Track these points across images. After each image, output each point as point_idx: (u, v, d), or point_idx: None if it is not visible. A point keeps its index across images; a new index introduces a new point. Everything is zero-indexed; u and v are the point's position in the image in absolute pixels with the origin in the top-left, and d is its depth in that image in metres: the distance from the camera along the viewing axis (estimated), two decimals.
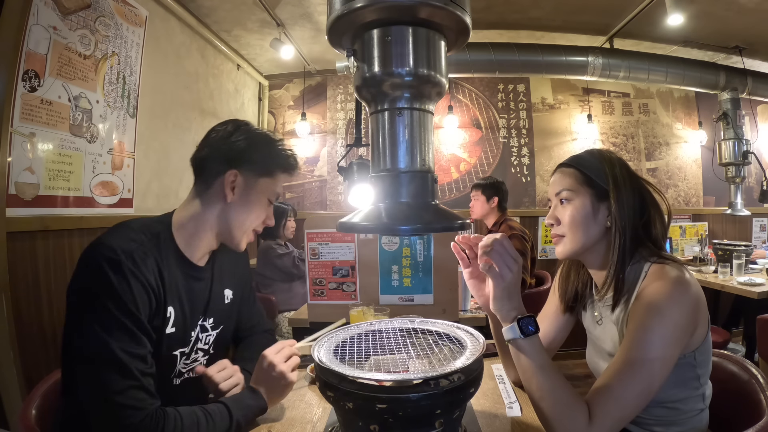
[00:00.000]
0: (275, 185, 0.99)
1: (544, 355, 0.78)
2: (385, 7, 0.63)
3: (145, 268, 0.81)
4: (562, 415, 0.74)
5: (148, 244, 0.85)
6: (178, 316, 0.90)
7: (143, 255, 0.82)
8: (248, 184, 0.95)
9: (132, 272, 0.78)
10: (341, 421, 0.75)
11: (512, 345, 0.79)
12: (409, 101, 0.68)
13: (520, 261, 0.80)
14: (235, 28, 2.95)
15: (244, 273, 1.17)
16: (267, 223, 1.01)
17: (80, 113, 1.78)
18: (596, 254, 0.93)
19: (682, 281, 0.79)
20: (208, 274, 1.01)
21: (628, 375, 0.74)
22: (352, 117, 3.86)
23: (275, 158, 0.97)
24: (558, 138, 3.89)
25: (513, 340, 0.78)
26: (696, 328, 0.81)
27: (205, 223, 0.94)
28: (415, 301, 1.68)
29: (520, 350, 0.78)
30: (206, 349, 1.02)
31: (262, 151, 0.96)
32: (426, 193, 0.70)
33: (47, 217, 1.62)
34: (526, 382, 0.79)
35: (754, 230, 4.07)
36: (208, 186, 0.94)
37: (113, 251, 0.78)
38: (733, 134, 3.33)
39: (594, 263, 0.95)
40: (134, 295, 0.78)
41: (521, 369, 0.80)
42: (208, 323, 1.01)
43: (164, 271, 0.86)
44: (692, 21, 2.77)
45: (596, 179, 0.90)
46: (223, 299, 1.06)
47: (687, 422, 0.86)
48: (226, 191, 0.92)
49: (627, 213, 0.87)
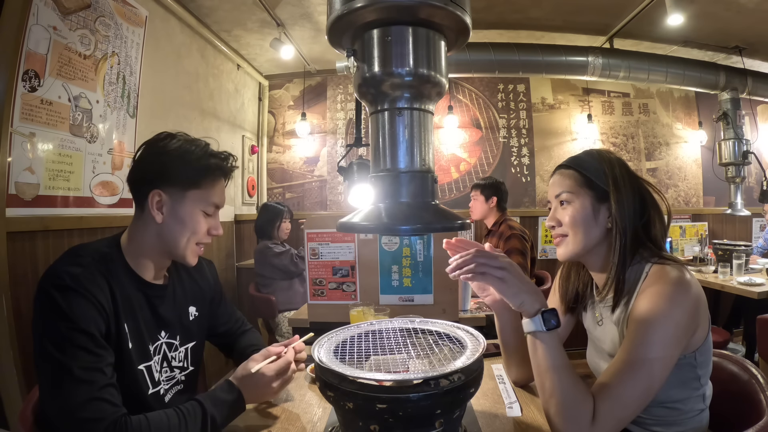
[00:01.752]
0: (208, 195, 0.96)
1: (561, 351, 0.78)
2: (385, 7, 0.63)
3: (95, 287, 0.83)
4: (569, 413, 0.74)
5: (96, 264, 0.87)
6: (134, 333, 0.91)
7: (90, 276, 0.84)
8: (175, 200, 0.93)
9: (79, 292, 0.81)
10: (341, 421, 0.75)
11: (531, 337, 0.80)
12: (409, 101, 0.69)
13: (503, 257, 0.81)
14: (235, 28, 2.95)
15: (209, 284, 1.16)
16: (212, 233, 0.99)
17: (80, 113, 1.78)
18: (597, 256, 0.93)
19: (682, 282, 0.79)
20: (169, 291, 1.02)
21: (629, 375, 0.74)
22: (352, 117, 3.86)
23: (198, 169, 0.94)
24: (558, 138, 3.89)
25: (534, 332, 0.79)
26: (697, 328, 0.81)
27: (145, 244, 0.95)
28: (415, 301, 1.68)
29: (540, 344, 0.78)
30: (182, 366, 1.04)
31: (181, 164, 0.93)
32: (426, 193, 0.70)
33: (47, 217, 1.62)
34: (539, 376, 0.79)
35: (754, 230, 4.07)
36: (142, 208, 0.95)
37: (59, 276, 0.81)
38: (733, 134, 3.33)
39: (595, 264, 0.94)
40: (84, 313, 0.80)
41: (537, 362, 0.80)
42: (176, 340, 1.02)
43: (116, 289, 0.88)
44: (692, 21, 2.77)
45: (596, 181, 0.90)
46: (188, 316, 1.07)
47: (687, 422, 0.86)
48: (154, 213, 0.92)
49: (627, 214, 0.87)
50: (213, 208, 0.98)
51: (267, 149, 3.92)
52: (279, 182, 3.93)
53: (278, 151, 3.94)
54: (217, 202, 0.99)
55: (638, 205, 0.88)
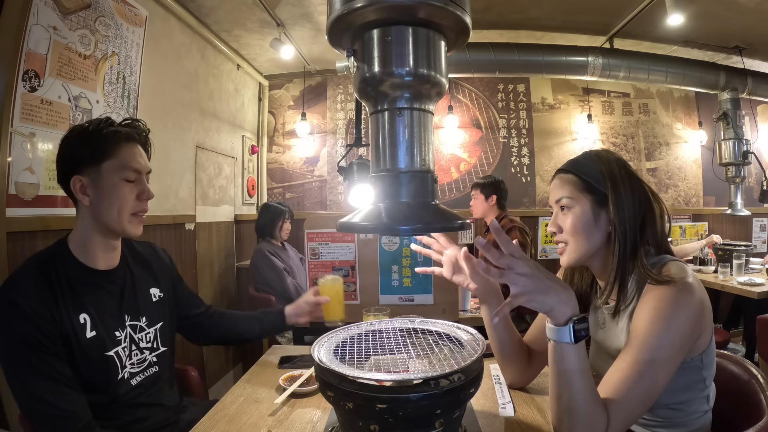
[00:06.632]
0: (122, 161, 0.99)
1: (585, 360, 0.72)
2: (385, 7, 0.63)
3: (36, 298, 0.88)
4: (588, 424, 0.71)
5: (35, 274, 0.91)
6: (95, 321, 0.95)
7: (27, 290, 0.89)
8: (94, 178, 0.97)
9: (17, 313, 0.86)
10: (341, 421, 0.75)
11: (556, 347, 0.72)
12: (409, 101, 0.68)
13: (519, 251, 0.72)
14: (235, 28, 2.95)
15: (167, 266, 1.22)
16: (142, 198, 1.02)
17: (80, 113, 1.78)
18: (600, 260, 0.92)
19: (686, 285, 0.78)
20: (120, 275, 1.06)
21: (633, 378, 0.73)
22: (352, 117, 3.86)
23: (100, 139, 0.98)
24: (558, 138, 3.89)
25: (559, 343, 0.71)
26: (701, 331, 0.80)
27: (86, 231, 1.00)
28: (415, 301, 1.68)
29: (565, 355, 0.71)
30: (150, 347, 1.08)
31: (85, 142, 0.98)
32: (426, 193, 0.70)
33: (47, 217, 1.62)
34: (558, 386, 0.73)
35: (754, 230, 4.07)
36: (74, 200, 0.99)
37: None
38: (733, 134, 3.33)
39: (598, 268, 0.93)
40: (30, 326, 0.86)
41: (558, 372, 0.73)
42: (142, 322, 1.07)
43: (64, 286, 0.93)
44: (692, 21, 2.77)
45: (595, 184, 0.88)
46: (151, 297, 1.12)
47: (692, 423, 0.85)
48: (80, 198, 0.97)
49: (627, 217, 0.85)
50: (133, 174, 1.01)
51: (267, 149, 3.92)
52: (279, 182, 3.93)
53: (278, 151, 3.94)
54: (134, 166, 1.01)
55: (638, 207, 0.87)
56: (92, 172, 0.97)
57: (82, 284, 0.96)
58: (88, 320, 0.94)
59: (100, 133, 0.98)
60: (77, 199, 0.98)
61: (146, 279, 1.13)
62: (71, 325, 0.91)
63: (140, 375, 1.04)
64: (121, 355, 0.99)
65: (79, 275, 0.97)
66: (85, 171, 0.97)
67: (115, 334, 0.99)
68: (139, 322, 1.06)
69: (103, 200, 0.97)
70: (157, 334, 1.11)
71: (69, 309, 0.92)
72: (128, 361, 1.01)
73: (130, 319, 1.04)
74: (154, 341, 1.09)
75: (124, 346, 1.01)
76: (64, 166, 0.98)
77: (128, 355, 1.01)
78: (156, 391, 1.07)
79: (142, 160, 1.03)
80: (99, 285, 1.00)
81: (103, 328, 0.97)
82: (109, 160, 0.97)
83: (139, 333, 1.06)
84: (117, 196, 0.98)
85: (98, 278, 1.00)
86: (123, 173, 0.99)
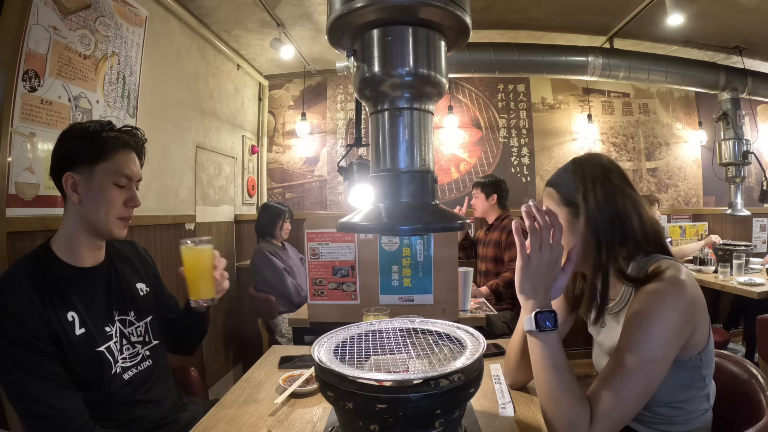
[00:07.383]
0: (115, 166, 1.01)
1: (558, 354, 0.78)
2: (385, 7, 0.63)
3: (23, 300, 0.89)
4: (566, 417, 0.74)
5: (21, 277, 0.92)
6: (83, 318, 0.97)
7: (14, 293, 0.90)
8: (87, 177, 0.99)
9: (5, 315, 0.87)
10: (341, 421, 0.75)
11: (529, 335, 0.82)
12: (409, 101, 0.68)
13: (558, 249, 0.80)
14: (235, 28, 2.95)
15: (149, 264, 1.24)
16: (129, 205, 1.04)
17: (80, 113, 1.78)
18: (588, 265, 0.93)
19: (676, 282, 0.79)
20: (105, 272, 1.07)
21: (625, 376, 0.74)
22: (352, 117, 3.86)
23: (99, 141, 1.00)
24: (558, 138, 3.89)
25: (529, 331, 0.81)
26: (695, 328, 0.81)
27: (72, 228, 1.01)
28: (415, 301, 1.68)
29: (534, 344, 0.80)
30: (142, 341, 1.09)
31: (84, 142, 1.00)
32: (426, 193, 0.70)
33: (47, 217, 1.62)
34: (535, 376, 0.81)
35: (754, 230, 4.07)
36: (64, 196, 1.01)
37: None
38: (733, 134, 3.33)
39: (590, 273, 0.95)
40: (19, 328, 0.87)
41: (532, 362, 0.82)
42: (131, 317, 1.08)
43: (50, 286, 0.94)
44: (692, 21, 2.77)
45: (569, 197, 0.91)
46: (138, 292, 1.14)
47: (692, 422, 0.86)
48: (70, 194, 0.98)
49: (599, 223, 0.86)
50: (124, 179, 1.03)
51: (267, 149, 3.92)
52: (279, 182, 3.93)
53: (278, 151, 3.94)
54: (127, 173, 1.03)
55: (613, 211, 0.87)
56: (85, 171, 0.99)
57: (68, 283, 0.98)
58: (76, 318, 0.95)
59: (100, 135, 1.00)
60: (67, 195, 1.00)
61: (131, 275, 1.15)
62: (60, 324, 0.92)
63: (133, 369, 1.05)
64: (113, 350, 1.01)
65: (64, 274, 0.98)
66: (79, 169, 0.99)
67: (105, 330, 1.01)
68: (128, 317, 1.08)
69: (91, 200, 0.99)
70: (148, 327, 1.12)
71: (56, 308, 0.93)
72: (120, 356, 1.02)
73: (119, 314, 1.06)
74: (145, 335, 1.11)
75: (116, 341, 1.02)
76: (59, 161, 1.00)
77: (120, 350, 1.03)
78: (152, 386, 1.07)
79: (135, 168, 1.06)
80: (85, 282, 1.01)
81: (92, 324, 0.98)
82: (103, 162, 1.00)
83: (129, 327, 1.07)
84: (105, 198, 1.00)
85: (84, 276, 1.02)
86: (115, 177, 1.01)
